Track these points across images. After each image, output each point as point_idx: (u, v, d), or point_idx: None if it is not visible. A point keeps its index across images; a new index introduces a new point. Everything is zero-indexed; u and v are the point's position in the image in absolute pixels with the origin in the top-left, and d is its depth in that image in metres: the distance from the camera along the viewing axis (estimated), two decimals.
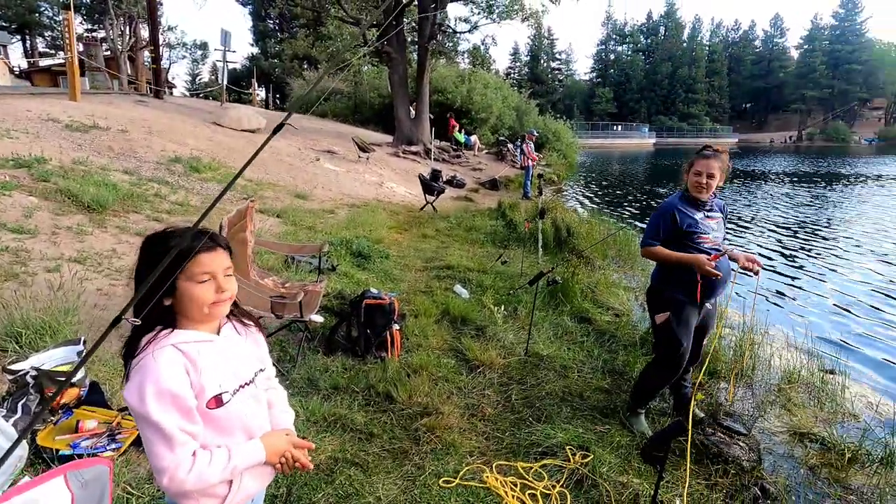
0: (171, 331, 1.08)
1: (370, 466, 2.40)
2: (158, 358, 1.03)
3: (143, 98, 15.80)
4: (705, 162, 2.55)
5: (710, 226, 2.62)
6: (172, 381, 1.02)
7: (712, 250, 2.59)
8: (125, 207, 5.43)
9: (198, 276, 1.08)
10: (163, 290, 1.04)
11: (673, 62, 71.71)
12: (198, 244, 1.05)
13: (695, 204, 2.63)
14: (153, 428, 1.00)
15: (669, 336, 2.68)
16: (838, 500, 2.48)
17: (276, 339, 3.54)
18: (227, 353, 1.14)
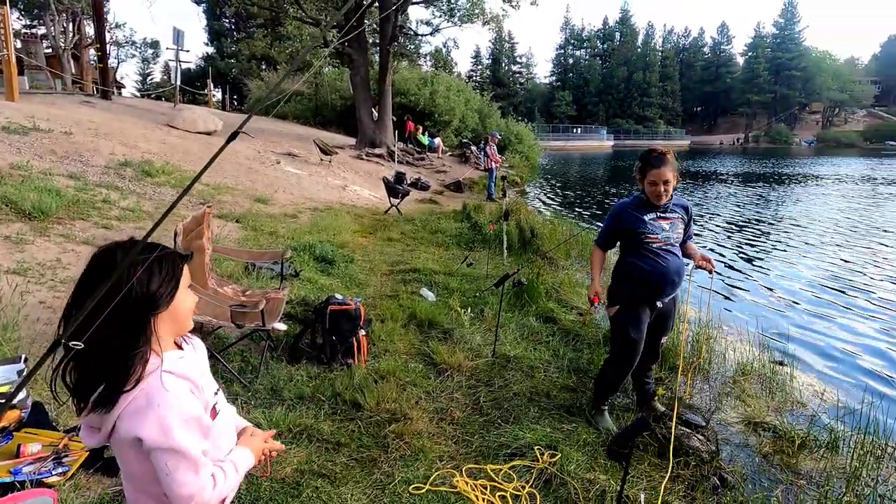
0: (158, 358, 1.04)
1: (338, 477, 2.35)
2: (170, 386, 1.01)
3: (88, 98, 15.02)
4: (657, 171, 2.62)
5: (661, 226, 2.70)
6: (192, 405, 1.03)
7: (661, 251, 2.70)
8: (70, 214, 5.13)
9: (186, 283, 1.10)
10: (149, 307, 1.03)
11: (628, 67, 74.20)
12: (159, 254, 1.05)
13: (648, 206, 2.71)
14: (178, 457, 1.00)
15: (620, 329, 2.80)
16: (790, 484, 2.61)
17: (237, 349, 3.42)
18: (198, 363, 1.16)
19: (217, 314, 2.95)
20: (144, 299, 1.00)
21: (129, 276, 0.97)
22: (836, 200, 15.13)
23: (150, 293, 1.01)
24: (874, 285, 6.64)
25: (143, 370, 1.00)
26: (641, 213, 2.70)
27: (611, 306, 2.84)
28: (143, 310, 1.00)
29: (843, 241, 9.40)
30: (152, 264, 1.01)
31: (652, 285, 2.72)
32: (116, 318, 0.96)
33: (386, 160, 16.04)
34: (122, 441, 1.00)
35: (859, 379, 4.04)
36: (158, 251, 1.04)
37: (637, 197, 2.77)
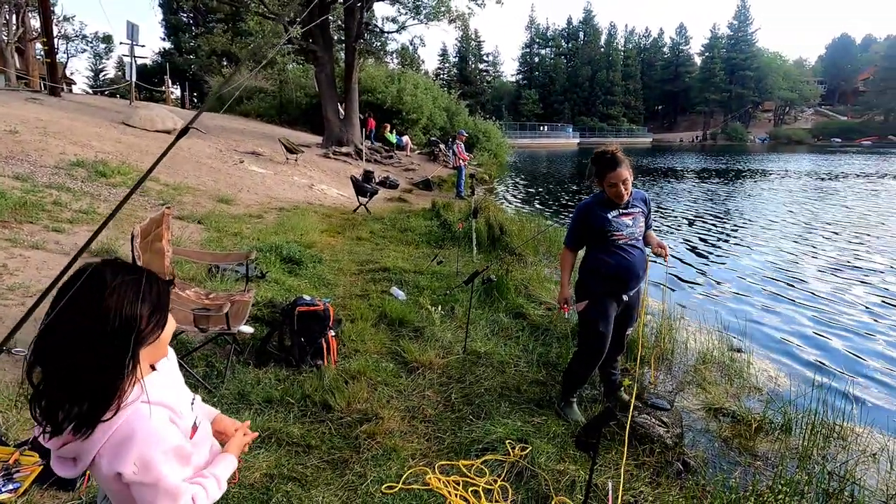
0: (140, 385, 0.99)
1: (309, 480, 2.31)
2: (147, 419, 0.97)
3: (35, 95, 14.24)
4: (615, 173, 2.67)
5: (625, 222, 2.78)
6: (172, 436, 1.01)
7: (626, 246, 2.78)
8: (17, 217, 4.86)
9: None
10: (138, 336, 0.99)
11: (592, 66, 75.79)
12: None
13: (610, 204, 2.78)
14: (156, 490, 0.98)
15: (589, 324, 2.86)
16: (747, 466, 2.74)
17: (202, 353, 3.32)
18: (172, 377, 1.14)
19: (179, 318, 2.85)
20: (133, 328, 0.94)
21: (118, 303, 0.93)
22: (785, 195, 15.89)
23: (140, 322, 0.96)
24: (820, 276, 7.01)
25: (121, 399, 0.96)
26: (605, 211, 2.77)
27: (579, 301, 2.90)
28: (131, 338, 0.94)
29: (792, 234, 9.88)
30: (144, 292, 0.97)
31: (619, 280, 2.80)
32: (99, 346, 0.91)
33: (353, 158, 15.86)
34: (104, 476, 0.98)
35: (809, 363, 4.27)
36: (145, 276, 1.00)
37: (598, 196, 2.82)
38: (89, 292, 0.93)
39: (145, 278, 0.99)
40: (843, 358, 4.43)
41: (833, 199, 14.62)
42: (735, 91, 71.72)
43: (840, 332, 5.02)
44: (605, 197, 2.78)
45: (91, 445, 0.95)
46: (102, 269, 0.96)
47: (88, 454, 0.95)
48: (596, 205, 2.80)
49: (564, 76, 77.30)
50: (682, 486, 2.50)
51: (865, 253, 8.24)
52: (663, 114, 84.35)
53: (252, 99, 25.25)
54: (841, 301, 5.94)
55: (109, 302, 0.93)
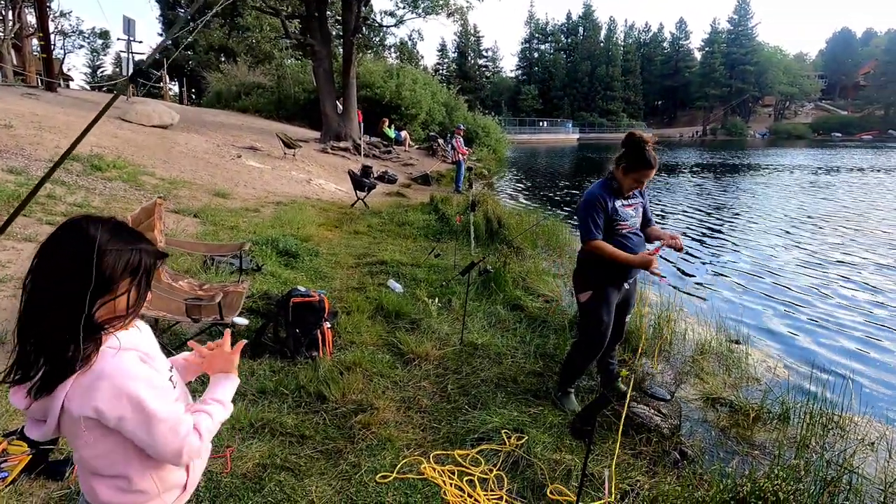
0: (112, 336, 1.00)
1: (302, 470, 2.29)
2: (118, 359, 0.97)
3: (32, 91, 14.17)
4: (649, 172, 2.65)
5: (629, 213, 2.76)
6: (145, 369, 1.01)
7: (630, 234, 2.74)
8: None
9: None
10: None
11: (592, 61, 75.44)
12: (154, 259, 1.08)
13: (616, 193, 2.73)
14: (149, 419, 0.97)
15: (592, 314, 2.82)
16: (745, 455, 2.72)
17: None
18: (146, 339, 1.12)
19: (172, 309, 2.83)
20: (105, 282, 0.96)
21: (100, 255, 0.94)
22: (783, 190, 15.85)
23: (110, 275, 0.97)
24: (818, 268, 6.99)
25: (77, 357, 0.94)
26: (611, 199, 2.72)
27: (581, 292, 2.86)
28: (102, 293, 0.96)
29: (790, 227, 9.85)
30: (120, 246, 0.98)
31: (622, 268, 2.77)
32: (69, 300, 0.93)
33: (352, 153, 15.79)
34: (76, 421, 0.95)
35: (807, 354, 4.24)
36: (127, 233, 1.04)
37: (605, 183, 2.76)
38: (77, 250, 0.95)
39: (139, 250, 1.02)
40: (842, 348, 4.41)
41: (830, 193, 14.59)
42: (735, 86, 71.48)
43: (838, 322, 5.00)
44: (613, 185, 2.72)
45: (57, 395, 0.95)
46: (89, 228, 0.97)
47: (56, 404, 0.95)
48: (604, 192, 2.73)
49: (564, 71, 76.98)
50: (679, 475, 2.49)
51: (863, 245, 8.21)
52: (663, 109, 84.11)
53: (250, 94, 25.12)
54: (839, 292, 5.91)
55: (103, 261, 0.95)
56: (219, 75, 28.09)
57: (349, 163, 14.08)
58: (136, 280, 1.01)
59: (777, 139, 60.31)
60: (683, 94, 78.08)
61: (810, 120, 70.90)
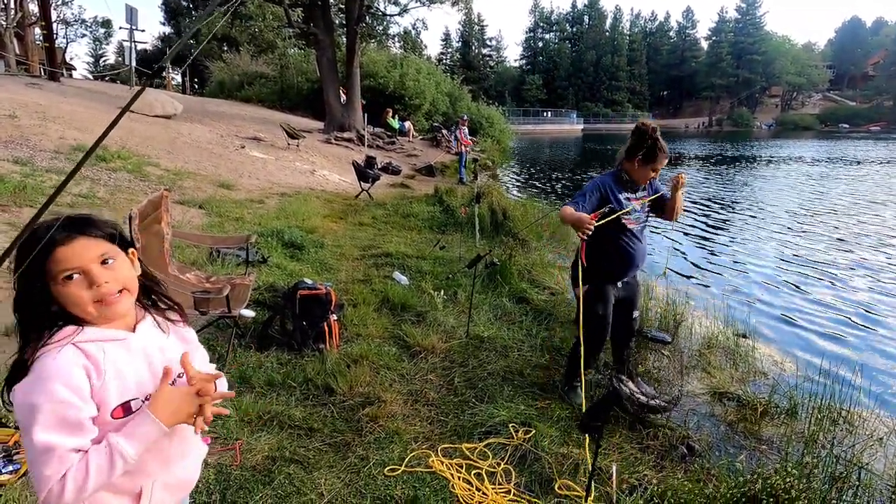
0: (79, 328, 0.93)
1: (311, 462, 2.30)
2: (56, 359, 0.89)
3: (35, 80, 14.14)
4: (665, 158, 2.64)
5: (634, 206, 2.74)
6: (66, 388, 0.87)
7: (634, 232, 2.74)
8: (17, 201, 4.83)
9: (61, 274, 0.92)
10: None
11: (597, 50, 74.69)
12: (48, 239, 0.91)
13: (626, 185, 2.71)
14: (30, 442, 0.87)
15: (590, 307, 2.83)
16: (752, 450, 2.71)
17: (203, 337, 3.28)
18: (142, 353, 0.99)
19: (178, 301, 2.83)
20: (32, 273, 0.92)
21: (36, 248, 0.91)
22: (789, 182, 15.72)
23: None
24: (825, 261, 6.94)
25: (40, 340, 0.91)
26: (619, 191, 2.70)
27: (577, 286, 2.86)
28: (27, 291, 0.92)
29: (795, 220, 9.78)
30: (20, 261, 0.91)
31: (622, 265, 2.78)
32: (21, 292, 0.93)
33: (356, 144, 15.74)
34: None
35: (815, 348, 4.23)
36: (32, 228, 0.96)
37: (616, 174, 2.73)
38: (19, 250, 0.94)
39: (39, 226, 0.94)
40: (850, 342, 4.39)
41: (837, 186, 14.46)
42: (742, 76, 70.67)
43: (847, 316, 4.97)
44: (623, 178, 2.70)
45: (14, 394, 0.90)
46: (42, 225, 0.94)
47: (15, 406, 0.89)
48: (612, 182, 2.72)
49: (569, 61, 76.26)
50: (686, 469, 2.49)
51: (873, 239, 8.15)
52: (668, 99, 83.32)
53: (253, 84, 25.01)
54: (846, 285, 5.88)
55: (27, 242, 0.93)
56: (221, 65, 27.95)
57: (353, 153, 14.04)
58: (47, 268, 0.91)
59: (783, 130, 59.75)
60: (689, 84, 77.30)
61: (818, 111, 70.13)
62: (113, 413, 0.93)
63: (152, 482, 1.00)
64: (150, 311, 1.06)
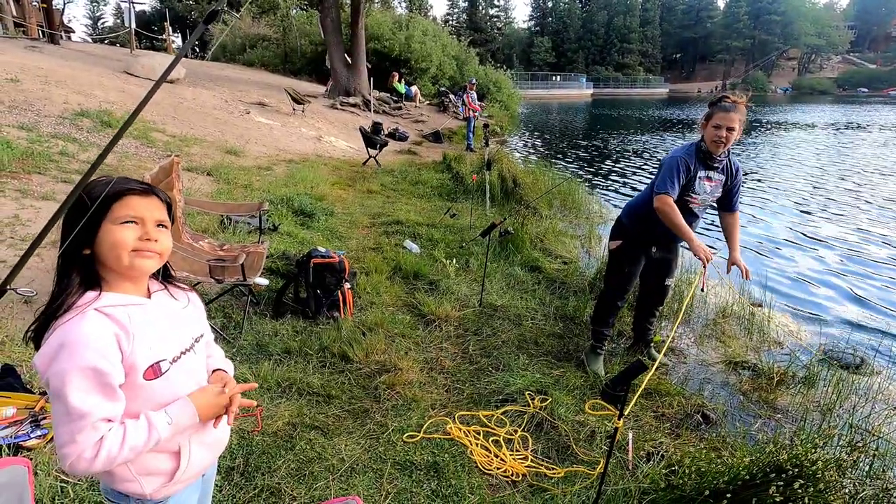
0: (98, 294, 0.94)
1: (331, 429, 2.33)
2: (82, 326, 0.89)
3: (34, 43, 13.83)
4: (725, 115, 2.43)
5: (705, 188, 2.61)
6: (98, 354, 0.88)
7: (694, 210, 2.67)
8: (25, 168, 4.79)
9: (121, 217, 0.95)
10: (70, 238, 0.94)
11: (609, 11, 72.02)
12: (128, 185, 0.97)
13: (703, 160, 2.56)
14: (64, 408, 0.87)
15: (616, 262, 2.90)
16: (767, 419, 2.72)
17: (218, 304, 3.31)
18: (161, 317, 1.02)
19: (195, 269, 2.82)
20: (66, 233, 0.95)
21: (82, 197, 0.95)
22: (805, 149, 15.35)
23: (67, 226, 0.96)
24: (839, 231, 6.82)
25: (67, 302, 0.92)
26: (699, 168, 2.56)
27: (613, 239, 2.91)
28: (70, 243, 0.94)
29: (813, 186, 9.58)
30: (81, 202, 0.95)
31: (664, 238, 2.75)
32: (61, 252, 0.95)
33: (361, 109, 15.43)
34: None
35: (831, 318, 4.19)
36: (87, 185, 0.97)
37: (693, 147, 2.58)
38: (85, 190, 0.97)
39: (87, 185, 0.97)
40: (866, 312, 4.34)
41: (852, 153, 14.10)
42: (759, 37, 68.26)
43: (861, 285, 4.91)
44: (702, 149, 2.53)
45: (36, 359, 0.90)
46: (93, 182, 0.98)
47: (40, 370, 0.89)
48: (691, 158, 2.56)
49: (579, 22, 73.70)
50: (702, 436, 2.50)
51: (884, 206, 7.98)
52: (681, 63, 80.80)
53: (255, 48, 24.40)
54: (864, 253, 5.79)
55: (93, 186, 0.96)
56: (223, 27, 27.21)
57: (359, 119, 13.78)
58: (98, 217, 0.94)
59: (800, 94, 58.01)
60: (704, 46, 74.80)
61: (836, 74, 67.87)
62: (145, 374, 0.95)
63: (189, 440, 1.04)
64: (162, 282, 1.09)
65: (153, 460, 1.00)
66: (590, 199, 7.88)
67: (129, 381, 0.93)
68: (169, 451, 1.02)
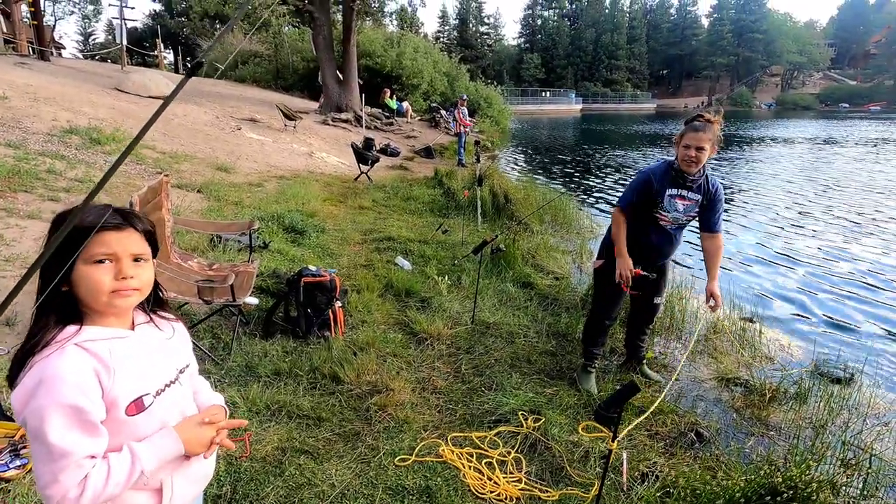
0: (78, 328, 0.91)
1: (321, 453, 2.29)
2: (61, 361, 0.86)
3: (24, 60, 13.80)
4: (695, 135, 2.49)
5: (676, 206, 2.64)
6: (77, 390, 0.85)
7: (666, 228, 2.69)
8: (11, 186, 4.73)
9: (95, 256, 0.91)
10: (59, 274, 0.88)
11: (596, 28, 73.50)
12: (101, 220, 0.90)
13: (675, 179, 2.60)
14: (45, 447, 0.84)
15: (600, 280, 2.91)
16: (761, 436, 2.71)
17: (207, 325, 3.26)
18: (145, 350, 0.99)
19: (182, 290, 2.78)
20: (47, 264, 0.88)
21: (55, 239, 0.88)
22: (790, 163, 15.63)
23: (49, 258, 0.88)
24: (829, 245, 6.92)
25: (45, 338, 0.89)
26: (665, 185, 2.61)
27: (598, 259, 2.93)
28: (49, 274, 0.89)
29: (799, 200, 9.73)
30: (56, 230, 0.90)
31: (643, 257, 2.76)
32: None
33: (353, 125, 15.52)
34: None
35: (822, 333, 4.22)
36: (73, 217, 0.88)
37: (665, 165, 2.64)
38: (55, 222, 0.94)
39: (73, 216, 0.88)
40: (857, 327, 4.38)
41: (839, 167, 14.39)
42: (743, 55, 69.93)
43: (852, 299, 4.97)
44: (673, 167, 2.59)
45: (13, 397, 0.86)
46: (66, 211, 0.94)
47: (16, 408, 0.86)
48: (660, 175, 2.62)
49: (567, 39, 75.06)
50: (696, 455, 2.49)
51: (881, 220, 8.12)
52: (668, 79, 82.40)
53: (247, 64, 24.52)
54: (854, 267, 5.86)
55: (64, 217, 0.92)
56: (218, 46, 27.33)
57: (350, 135, 13.84)
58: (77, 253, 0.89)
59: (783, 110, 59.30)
60: (689, 63, 76.43)
61: (818, 90, 69.56)
62: (127, 410, 0.92)
63: (172, 475, 1.00)
64: (148, 312, 1.06)
65: (133, 498, 0.96)
66: (580, 213, 7.94)
67: (111, 417, 0.90)
68: (151, 488, 0.98)
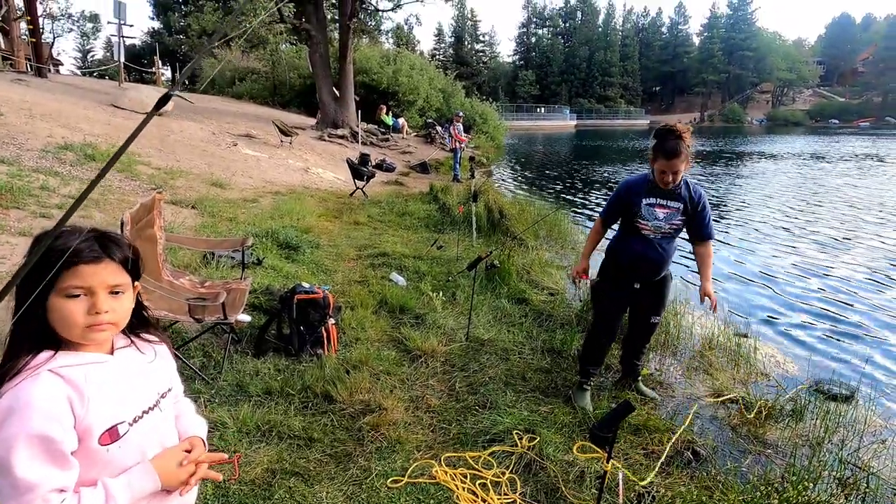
0: (54, 353, 0.88)
1: (312, 475, 2.24)
2: (33, 388, 0.83)
3: (21, 76, 13.86)
4: (667, 163, 2.55)
5: (656, 214, 2.67)
6: (48, 419, 0.82)
7: (650, 238, 2.71)
8: (3, 203, 4.70)
9: (68, 290, 0.87)
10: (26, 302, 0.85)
11: (590, 46, 74.82)
12: (72, 247, 0.85)
13: (652, 189, 2.66)
14: (9, 481, 0.80)
15: (596, 300, 2.98)
16: (757, 455, 2.69)
17: (199, 343, 3.22)
18: (124, 375, 0.96)
19: (173, 308, 2.75)
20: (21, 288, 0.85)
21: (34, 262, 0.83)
22: (785, 178, 15.80)
23: (27, 280, 0.84)
24: (823, 259, 6.96)
25: (18, 364, 0.85)
26: (642, 195, 2.67)
27: (596, 275, 2.96)
28: (24, 297, 0.85)
29: (792, 217, 9.81)
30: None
31: (631, 269, 2.77)
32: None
33: (349, 141, 15.61)
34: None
35: (818, 348, 4.22)
36: (47, 242, 0.84)
37: (644, 177, 2.74)
38: (34, 244, 0.90)
39: (48, 241, 0.84)
40: (853, 342, 4.38)
41: (833, 182, 14.55)
42: (733, 72, 71.20)
43: (848, 314, 4.98)
44: (650, 179, 2.68)
45: None
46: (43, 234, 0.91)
47: None
48: (637, 185, 2.71)
49: (561, 57, 76.31)
50: (692, 475, 2.46)
51: (875, 234, 8.19)
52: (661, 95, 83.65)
53: (244, 80, 24.74)
54: (848, 283, 5.89)
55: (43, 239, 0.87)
56: (212, 60, 27.59)
57: (346, 151, 13.91)
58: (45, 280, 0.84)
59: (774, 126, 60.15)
60: (681, 79, 77.71)
61: (808, 106, 70.73)
62: (100, 439, 0.88)
63: None
64: (129, 335, 1.03)
65: None
66: (575, 228, 7.97)
67: (84, 447, 0.87)
68: None
